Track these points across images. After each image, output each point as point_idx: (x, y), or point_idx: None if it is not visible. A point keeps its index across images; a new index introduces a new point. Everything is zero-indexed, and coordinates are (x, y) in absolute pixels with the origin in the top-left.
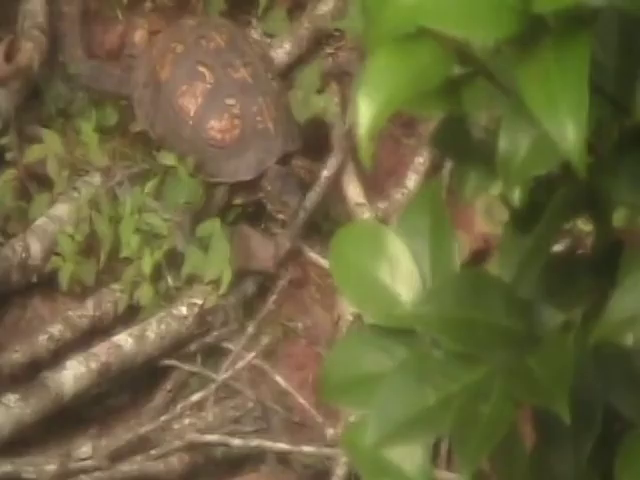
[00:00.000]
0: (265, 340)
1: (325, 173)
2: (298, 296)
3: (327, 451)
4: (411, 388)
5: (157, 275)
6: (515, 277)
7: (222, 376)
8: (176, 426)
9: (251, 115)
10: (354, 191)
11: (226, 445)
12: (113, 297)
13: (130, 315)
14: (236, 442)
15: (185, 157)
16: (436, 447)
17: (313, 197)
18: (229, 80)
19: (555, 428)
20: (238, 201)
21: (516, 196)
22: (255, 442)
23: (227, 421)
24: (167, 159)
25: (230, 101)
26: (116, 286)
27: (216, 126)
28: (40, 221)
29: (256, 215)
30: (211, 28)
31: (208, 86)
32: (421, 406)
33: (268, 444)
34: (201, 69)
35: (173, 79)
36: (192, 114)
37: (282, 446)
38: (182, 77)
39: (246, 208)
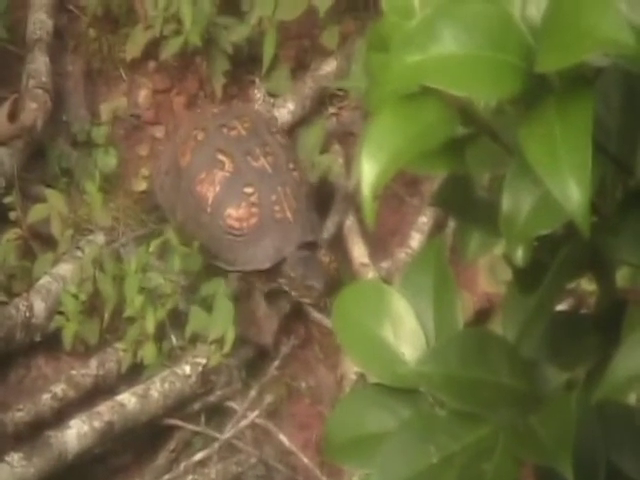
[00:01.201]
0: (269, 399)
1: (323, 235)
2: (302, 355)
3: None
4: (414, 447)
5: (161, 334)
6: (518, 336)
7: (225, 435)
8: None
9: (269, 204)
10: (359, 251)
11: None
12: (116, 356)
13: (134, 374)
14: None
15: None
16: None
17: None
18: (248, 168)
19: None
20: (258, 287)
21: (519, 255)
22: None
23: (230, 478)
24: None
25: (248, 189)
26: (119, 345)
27: (233, 214)
28: (44, 280)
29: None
30: (234, 116)
31: (227, 174)
32: (424, 465)
33: None
34: (220, 157)
35: (193, 166)
36: (210, 201)
37: None
38: (202, 164)
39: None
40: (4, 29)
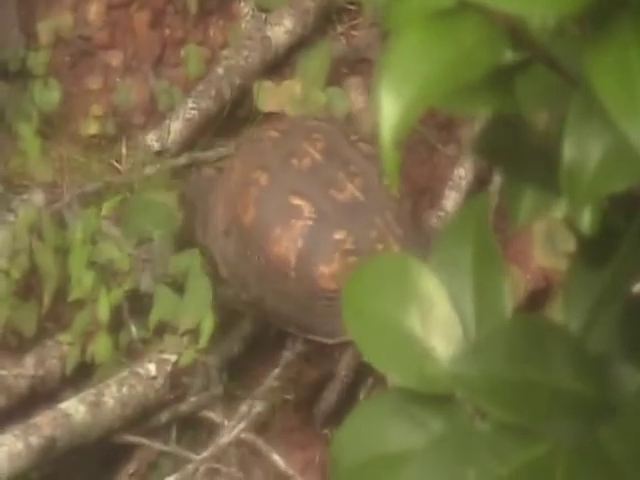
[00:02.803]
0: (258, 408)
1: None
2: (300, 352)
3: None
4: (449, 471)
5: (117, 323)
6: (584, 326)
7: (202, 455)
8: None
9: (369, 244)
10: None
11: None
12: (60, 352)
13: (82, 376)
14: None
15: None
16: None
17: None
18: (334, 206)
19: None
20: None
21: (586, 220)
22: None
23: None
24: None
25: (339, 235)
26: (63, 337)
27: (326, 272)
28: None
29: None
30: (301, 137)
31: (308, 222)
32: None
33: None
34: (296, 201)
35: (261, 222)
36: (293, 263)
37: None
38: (272, 217)
39: None
40: None
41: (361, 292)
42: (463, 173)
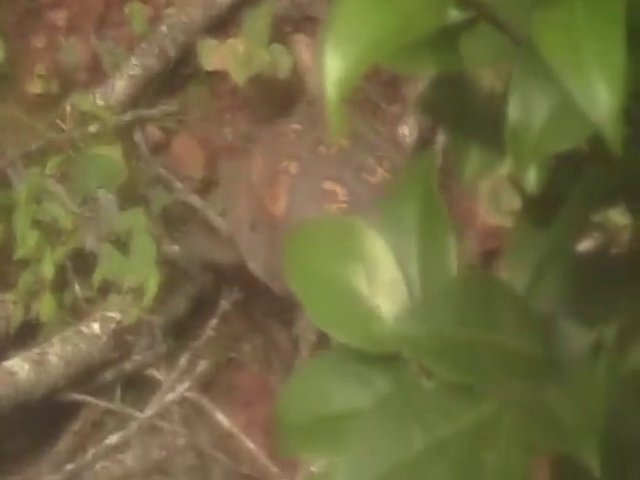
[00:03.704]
0: (202, 367)
1: None
2: (245, 309)
3: None
4: (394, 430)
5: (61, 282)
6: (530, 285)
7: (146, 413)
8: (87, 476)
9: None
10: None
11: None
12: (4, 311)
13: (26, 334)
14: None
15: None
16: None
17: None
18: (368, 189)
19: None
20: None
21: (531, 179)
22: None
23: (151, 465)
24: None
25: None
26: (7, 296)
27: None
28: None
29: None
30: (325, 127)
31: (343, 206)
32: (407, 453)
33: None
34: (329, 186)
35: (294, 211)
36: None
37: None
38: (306, 205)
39: None
40: None
41: (306, 251)
42: (407, 131)
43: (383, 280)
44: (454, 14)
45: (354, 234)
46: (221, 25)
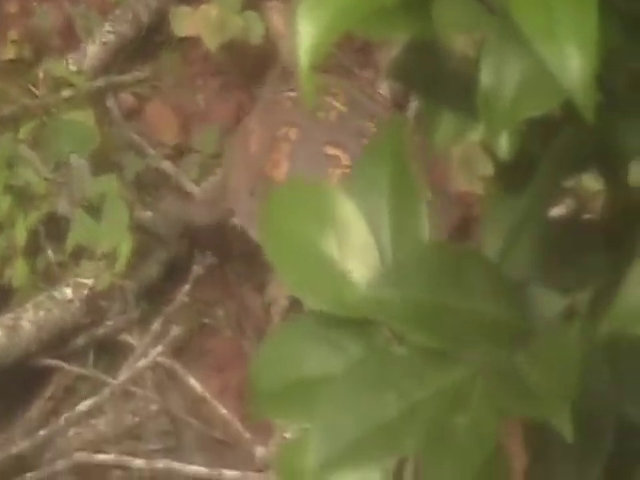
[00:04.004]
0: (175, 332)
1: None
2: (219, 274)
3: (256, 476)
4: (366, 395)
5: (34, 247)
6: (502, 251)
7: (120, 379)
8: (59, 442)
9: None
10: None
11: (124, 468)
12: None
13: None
14: (137, 463)
15: None
16: (399, 470)
17: None
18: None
19: (553, 447)
20: None
21: (503, 144)
22: (162, 463)
23: (124, 430)
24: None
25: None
26: None
27: None
28: None
29: None
30: (321, 92)
31: (347, 170)
32: (380, 418)
33: (178, 466)
34: (331, 151)
35: (295, 176)
36: None
37: (197, 469)
38: (309, 169)
39: None
40: None
41: (278, 214)
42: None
43: (355, 244)
44: None
45: (326, 198)
46: None
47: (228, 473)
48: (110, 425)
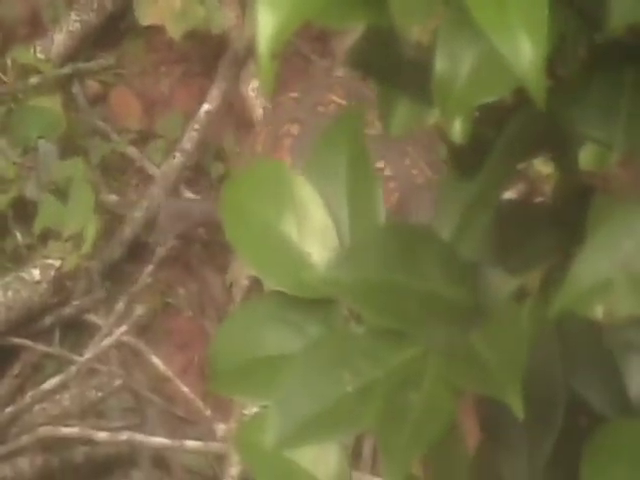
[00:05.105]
0: (139, 311)
1: (205, 107)
2: (180, 256)
3: (216, 451)
4: (325, 373)
5: (3, 230)
6: (456, 232)
7: (85, 357)
8: (25, 417)
9: (405, 170)
10: None
11: (88, 441)
12: None
13: None
14: (101, 436)
15: None
16: (357, 447)
17: (193, 137)
18: (369, 140)
19: (505, 423)
20: None
21: (456, 129)
22: (125, 436)
23: (88, 406)
24: None
25: (379, 164)
26: None
27: None
28: None
29: None
30: (322, 89)
31: None
32: (337, 395)
33: (141, 439)
34: None
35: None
36: None
37: (160, 442)
38: None
39: None
40: None
41: (240, 197)
42: None
43: (314, 227)
44: None
45: (286, 182)
46: None
47: (190, 445)
48: (74, 400)
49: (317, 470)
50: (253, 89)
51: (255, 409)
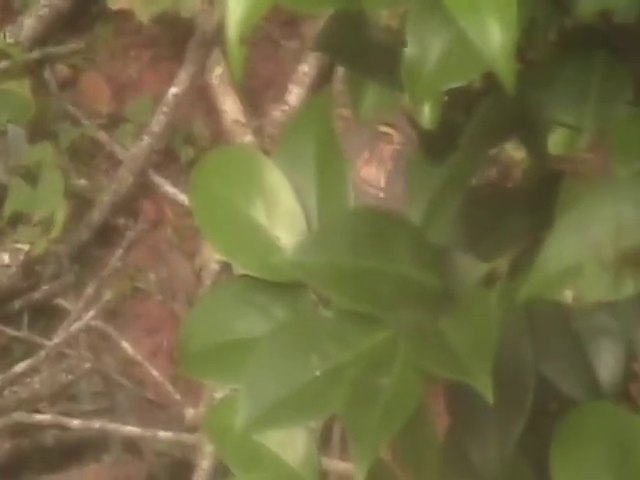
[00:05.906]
0: (108, 296)
1: (173, 90)
2: (150, 240)
3: (186, 436)
4: (293, 357)
5: None
6: (425, 217)
7: (54, 341)
8: None
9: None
10: (232, 107)
11: (60, 427)
12: None
13: None
14: (73, 423)
15: None
16: (326, 431)
17: (161, 120)
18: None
19: (474, 408)
20: None
21: (426, 114)
22: (97, 424)
23: (59, 388)
24: None
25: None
26: None
27: None
28: None
29: None
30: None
31: (397, 147)
32: (305, 379)
33: (112, 427)
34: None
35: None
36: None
37: (130, 429)
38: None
39: None
40: None
41: (209, 182)
42: (307, 69)
43: (282, 211)
44: None
45: (255, 166)
46: None
47: (160, 433)
48: (45, 383)
49: (286, 454)
50: (216, 77)
51: (225, 392)
